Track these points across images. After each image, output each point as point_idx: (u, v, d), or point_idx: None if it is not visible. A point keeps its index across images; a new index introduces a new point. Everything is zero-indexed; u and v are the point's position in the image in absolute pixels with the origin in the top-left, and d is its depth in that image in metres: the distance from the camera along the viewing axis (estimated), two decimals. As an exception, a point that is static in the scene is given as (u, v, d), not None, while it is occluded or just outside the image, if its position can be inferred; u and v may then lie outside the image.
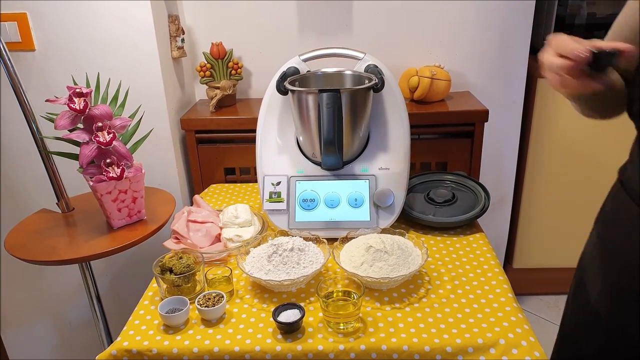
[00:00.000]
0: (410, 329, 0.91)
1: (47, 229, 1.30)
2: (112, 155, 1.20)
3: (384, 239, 1.05)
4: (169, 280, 1.01)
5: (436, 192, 1.31)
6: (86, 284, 1.38)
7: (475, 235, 1.22)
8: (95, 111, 1.17)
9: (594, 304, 0.87)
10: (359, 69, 1.28)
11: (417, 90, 1.66)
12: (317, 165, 1.25)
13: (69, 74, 1.48)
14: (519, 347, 0.86)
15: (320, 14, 1.71)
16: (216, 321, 0.96)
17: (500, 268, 1.09)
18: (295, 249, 1.06)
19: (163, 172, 1.66)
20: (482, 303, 0.97)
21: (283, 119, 1.28)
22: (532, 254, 2.10)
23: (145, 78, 1.54)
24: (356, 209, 1.21)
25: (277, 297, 1.02)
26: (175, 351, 0.90)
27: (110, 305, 1.71)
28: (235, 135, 1.66)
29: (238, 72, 1.73)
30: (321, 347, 0.88)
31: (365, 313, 0.95)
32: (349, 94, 1.16)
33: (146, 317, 0.99)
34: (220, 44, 1.69)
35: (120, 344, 0.92)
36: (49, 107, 1.22)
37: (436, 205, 1.28)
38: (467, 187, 1.34)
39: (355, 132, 1.21)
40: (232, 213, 1.23)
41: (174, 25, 1.60)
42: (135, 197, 1.26)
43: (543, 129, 1.88)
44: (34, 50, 1.52)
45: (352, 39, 1.75)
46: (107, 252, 1.18)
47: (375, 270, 1.00)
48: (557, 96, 1.82)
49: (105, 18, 1.47)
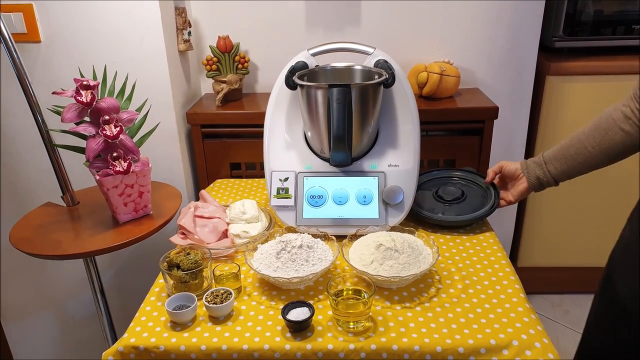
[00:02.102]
0: (422, 329, 0.90)
1: (52, 222, 1.29)
2: (118, 149, 1.18)
3: (394, 237, 1.04)
4: (176, 276, 1.00)
5: (445, 189, 1.29)
6: (90, 278, 1.37)
7: (485, 234, 1.21)
8: (102, 104, 1.16)
9: (622, 299, 0.90)
10: (368, 64, 1.26)
11: (426, 87, 1.64)
12: (325, 162, 1.23)
13: (75, 66, 1.47)
14: (533, 348, 0.85)
15: (328, 8, 1.69)
16: (224, 318, 0.95)
17: (511, 267, 1.08)
18: (304, 246, 1.04)
19: (168, 166, 1.65)
20: (493, 303, 0.96)
21: (291, 114, 1.27)
22: (537, 253, 2.09)
23: (152, 71, 1.52)
24: (365, 206, 1.19)
25: (286, 294, 1.01)
26: (183, 348, 0.89)
27: (114, 300, 1.70)
28: (242, 130, 1.65)
29: (245, 66, 1.72)
30: (331, 346, 0.87)
31: (375, 312, 0.94)
32: (359, 89, 1.14)
33: (153, 313, 0.98)
34: (227, 37, 1.68)
35: (126, 340, 0.91)
36: (54, 100, 1.21)
37: (445, 204, 1.26)
38: (476, 184, 1.33)
39: (364, 128, 1.20)
40: (239, 209, 1.22)
41: (180, 18, 1.58)
42: (141, 191, 1.25)
43: (551, 127, 1.86)
44: (39, 42, 1.50)
45: (360, 33, 1.73)
46: (113, 247, 1.17)
47: (385, 268, 0.99)
48: (565, 94, 1.80)
49: (112, 10, 1.45)
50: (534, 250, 2.09)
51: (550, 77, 1.79)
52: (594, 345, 1.05)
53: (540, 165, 1.12)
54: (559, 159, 1.08)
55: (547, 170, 1.11)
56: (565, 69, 1.77)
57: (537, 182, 1.14)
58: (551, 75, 1.79)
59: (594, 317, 1.06)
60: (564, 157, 1.07)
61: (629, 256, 0.94)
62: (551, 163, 1.10)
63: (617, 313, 0.96)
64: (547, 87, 1.81)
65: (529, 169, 1.15)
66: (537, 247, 2.08)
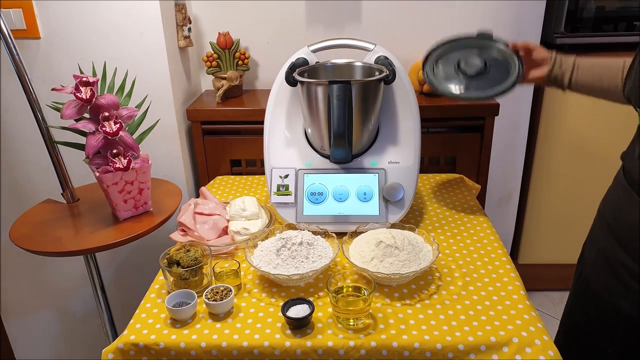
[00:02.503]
0: (422, 326, 0.89)
1: (52, 219, 1.29)
2: (118, 145, 1.18)
3: (394, 234, 1.04)
4: (176, 273, 0.99)
5: (468, 61, 1.16)
6: (91, 275, 1.37)
7: (486, 231, 1.21)
8: (102, 101, 1.16)
9: (587, 274, 0.99)
10: (369, 61, 1.26)
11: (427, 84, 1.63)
12: (325, 158, 1.23)
13: (75, 62, 1.46)
14: (533, 345, 0.85)
15: (329, 5, 1.69)
16: (224, 315, 0.95)
17: (512, 265, 1.08)
18: (304, 243, 1.04)
19: (169, 163, 1.65)
20: (494, 300, 0.96)
21: (291, 110, 1.26)
22: (538, 250, 2.09)
23: (152, 67, 1.52)
24: (365, 203, 1.19)
25: (286, 291, 1.01)
26: (183, 345, 0.89)
27: (115, 297, 1.70)
28: (242, 126, 1.64)
29: (245, 63, 1.71)
30: (331, 343, 0.87)
31: (375, 309, 0.94)
32: (360, 86, 1.14)
33: (153, 310, 0.98)
34: (227, 34, 1.67)
35: (127, 337, 0.91)
36: (53, 96, 1.21)
37: (468, 78, 1.16)
38: (497, 51, 1.17)
39: (365, 125, 1.20)
40: (239, 205, 1.22)
41: (180, 14, 1.58)
42: (141, 188, 1.25)
43: (551, 125, 1.86)
44: (39, 38, 1.50)
45: (360, 30, 1.72)
46: (114, 244, 1.17)
47: (385, 265, 0.98)
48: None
49: (111, 6, 1.45)
50: (534, 247, 2.08)
51: (552, 74, 1.78)
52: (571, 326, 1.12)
53: (568, 68, 1.06)
54: (589, 74, 1.03)
55: (575, 76, 1.05)
56: (566, 65, 1.76)
57: (555, 79, 1.08)
58: (552, 72, 1.78)
59: (571, 299, 1.11)
60: (593, 76, 1.02)
61: (595, 233, 1.00)
62: (581, 71, 1.04)
63: (590, 300, 1.01)
64: (548, 84, 1.81)
65: (561, 64, 1.07)
66: (538, 244, 2.07)
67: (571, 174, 1.93)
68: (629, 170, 0.91)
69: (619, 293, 0.92)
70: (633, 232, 0.88)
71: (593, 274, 1.00)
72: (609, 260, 0.95)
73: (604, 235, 0.97)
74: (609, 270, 0.95)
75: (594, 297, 0.99)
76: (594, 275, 1.00)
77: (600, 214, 1.02)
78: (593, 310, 1.01)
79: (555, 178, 1.95)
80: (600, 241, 0.99)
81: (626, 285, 0.91)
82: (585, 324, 1.04)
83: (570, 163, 1.90)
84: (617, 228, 0.93)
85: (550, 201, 1.98)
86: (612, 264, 0.94)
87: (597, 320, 1.00)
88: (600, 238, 0.99)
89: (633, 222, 0.88)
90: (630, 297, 0.90)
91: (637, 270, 0.88)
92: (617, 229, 0.93)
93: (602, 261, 0.97)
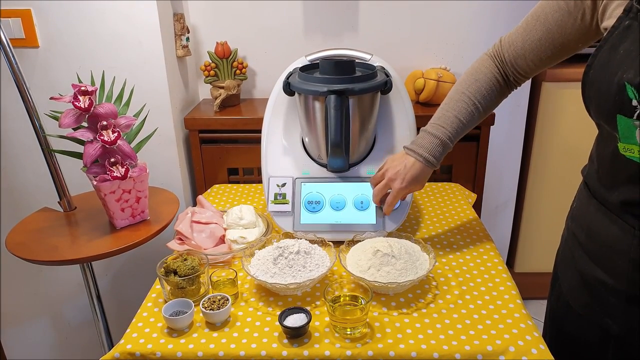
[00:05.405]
0: (419, 335, 0.90)
1: (48, 228, 1.29)
2: (116, 154, 1.18)
3: (391, 242, 1.04)
4: (173, 282, 0.99)
5: None
6: (87, 284, 1.37)
7: (482, 239, 1.21)
8: (100, 109, 1.16)
9: (565, 294, 0.97)
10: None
11: (423, 93, 1.65)
12: (322, 167, 1.24)
13: (73, 71, 1.47)
14: (529, 354, 0.85)
15: (326, 15, 1.70)
16: (221, 324, 0.95)
17: (508, 273, 1.08)
18: (301, 252, 1.04)
19: (166, 171, 1.65)
20: (490, 309, 0.96)
21: (289, 119, 1.27)
22: (534, 258, 2.09)
23: (150, 76, 1.52)
24: (362, 212, 1.19)
25: (283, 300, 1.01)
26: (180, 355, 0.89)
27: (111, 306, 1.70)
28: (239, 135, 1.65)
29: (242, 72, 1.72)
30: (328, 352, 0.87)
31: (372, 318, 0.94)
32: (357, 96, 1.14)
33: (149, 319, 0.98)
34: (225, 43, 1.68)
35: (123, 346, 0.91)
36: (52, 105, 1.21)
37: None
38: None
39: (362, 134, 1.20)
40: (236, 214, 1.22)
41: (179, 23, 1.59)
42: (139, 197, 1.25)
43: (547, 134, 1.87)
44: (37, 47, 1.50)
45: (357, 39, 1.74)
46: (110, 253, 1.17)
47: (382, 274, 0.99)
48: (561, 101, 1.81)
49: (110, 15, 1.46)
50: (530, 255, 2.09)
51: (546, 83, 1.80)
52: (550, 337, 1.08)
53: (448, 145, 1.10)
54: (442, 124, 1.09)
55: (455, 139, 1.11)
56: (561, 75, 1.78)
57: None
58: (547, 82, 1.80)
59: (548, 311, 1.09)
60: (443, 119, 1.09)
61: (567, 253, 0.99)
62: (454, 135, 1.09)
63: (573, 322, 0.98)
64: (543, 93, 1.83)
65: (442, 152, 1.10)
66: (534, 252, 2.08)
67: (566, 182, 1.94)
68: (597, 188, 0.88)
69: (603, 312, 0.89)
70: (610, 250, 0.84)
71: (572, 294, 0.96)
72: (587, 280, 0.91)
73: (578, 254, 0.93)
74: (587, 290, 0.91)
75: (578, 318, 0.96)
76: (574, 295, 0.96)
77: (569, 232, 0.99)
78: (577, 331, 0.97)
79: (550, 187, 1.96)
80: (575, 261, 0.95)
81: (609, 303, 0.87)
82: (572, 346, 1.00)
83: (566, 172, 1.92)
84: (592, 248, 0.89)
85: (546, 210, 1.99)
86: (592, 283, 0.90)
87: (585, 343, 0.96)
88: (573, 257, 0.96)
89: (610, 240, 0.84)
90: (615, 315, 0.87)
91: (618, 288, 0.84)
92: (592, 248, 0.89)
93: (579, 281, 0.93)
